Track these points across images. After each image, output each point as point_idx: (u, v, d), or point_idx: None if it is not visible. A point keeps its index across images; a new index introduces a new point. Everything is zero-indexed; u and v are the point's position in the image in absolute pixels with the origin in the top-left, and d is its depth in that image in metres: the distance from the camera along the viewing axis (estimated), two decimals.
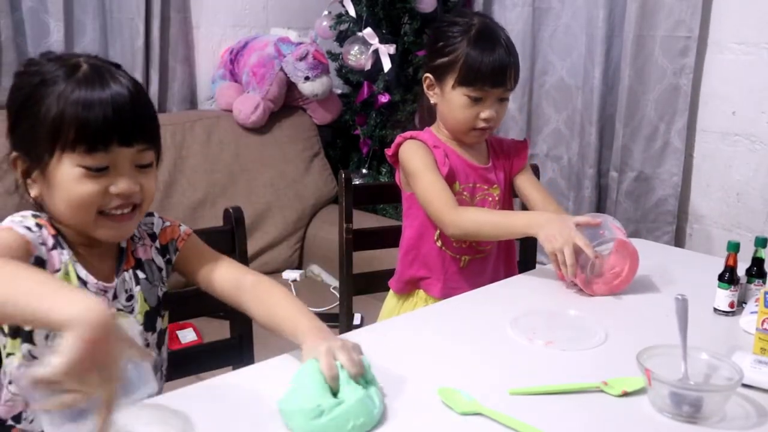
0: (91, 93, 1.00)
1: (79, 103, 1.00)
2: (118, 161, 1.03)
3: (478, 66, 1.50)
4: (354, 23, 2.88)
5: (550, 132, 2.98)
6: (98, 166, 1.02)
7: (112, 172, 1.04)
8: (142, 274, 1.17)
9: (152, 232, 1.21)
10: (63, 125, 1.00)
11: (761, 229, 2.43)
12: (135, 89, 1.05)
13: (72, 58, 1.05)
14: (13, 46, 2.33)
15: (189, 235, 1.23)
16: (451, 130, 1.61)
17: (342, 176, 1.76)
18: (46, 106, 1.01)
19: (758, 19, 2.40)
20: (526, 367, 1.13)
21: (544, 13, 2.91)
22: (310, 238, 2.84)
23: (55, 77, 1.02)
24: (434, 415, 0.97)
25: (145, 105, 1.08)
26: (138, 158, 1.06)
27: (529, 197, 1.67)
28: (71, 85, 1.01)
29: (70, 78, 1.02)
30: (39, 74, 1.03)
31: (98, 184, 1.03)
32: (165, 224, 1.23)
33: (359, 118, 2.97)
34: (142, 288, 1.16)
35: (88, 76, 1.02)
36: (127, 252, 1.16)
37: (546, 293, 1.44)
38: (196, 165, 2.61)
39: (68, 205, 1.04)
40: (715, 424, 0.97)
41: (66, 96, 1.00)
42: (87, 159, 1.01)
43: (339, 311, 1.83)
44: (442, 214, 1.50)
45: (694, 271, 1.57)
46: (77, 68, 1.03)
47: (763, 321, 1.15)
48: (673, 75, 2.55)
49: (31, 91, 1.03)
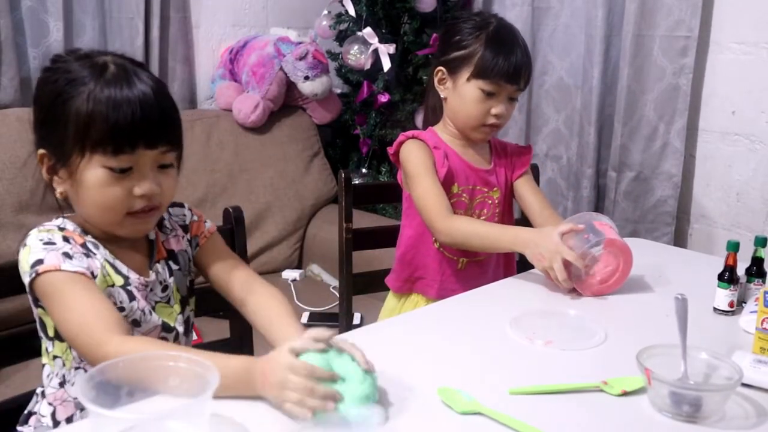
0: (119, 93, 1.02)
1: (109, 104, 1.01)
2: (142, 162, 1.05)
3: (496, 60, 1.52)
4: (354, 23, 2.88)
5: (549, 132, 2.98)
6: (122, 167, 1.04)
7: (135, 174, 1.05)
8: (175, 264, 1.20)
9: (184, 224, 1.24)
10: (92, 125, 1.01)
11: (761, 228, 2.43)
12: (160, 90, 1.07)
13: (99, 57, 1.06)
14: (13, 46, 2.33)
15: (212, 234, 1.27)
16: (460, 126, 1.61)
17: (342, 176, 1.76)
18: (75, 105, 1.02)
19: (758, 19, 2.40)
20: (525, 367, 1.13)
21: (543, 13, 2.91)
22: (309, 237, 2.84)
23: (84, 76, 1.03)
24: (434, 415, 0.97)
25: (171, 107, 1.09)
26: (160, 159, 1.08)
27: (527, 202, 1.67)
28: (100, 85, 1.02)
29: (98, 78, 1.03)
30: (67, 72, 1.04)
31: (123, 186, 1.05)
32: (193, 218, 1.26)
33: (359, 118, 2.97)
34: (175, 278, 1.19)
35: (116, 76, 1.03)
36: (157, 244, 1.18)
37: (546, 293, 1.44)
38: (195, 165, 2.61)
39: (97, 208, 1.07)
40: (714, 424, 0.97)
41: (95, 96, 1.01)
42: (112, 160, 1.03)
43: (339, 311, 1.84)
44: (435, 221, 1.51)
45: (693, 271, 1.57)
46: (105, 68, 1.04)
47: (763, 320, 1.15)
48: (673, 75, 2.55)
49: (60, 89, 1.04)
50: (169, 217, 1.22)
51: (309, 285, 2.66)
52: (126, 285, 1.10)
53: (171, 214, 1.23)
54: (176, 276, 1.19)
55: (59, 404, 1.12)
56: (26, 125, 2.23)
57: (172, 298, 1.18)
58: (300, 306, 2.43)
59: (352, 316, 1.85)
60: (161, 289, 1.17)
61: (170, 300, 1.18)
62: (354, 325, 1.90)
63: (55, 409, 1.12)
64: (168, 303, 1.17)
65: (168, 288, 1.18)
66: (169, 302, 1.17)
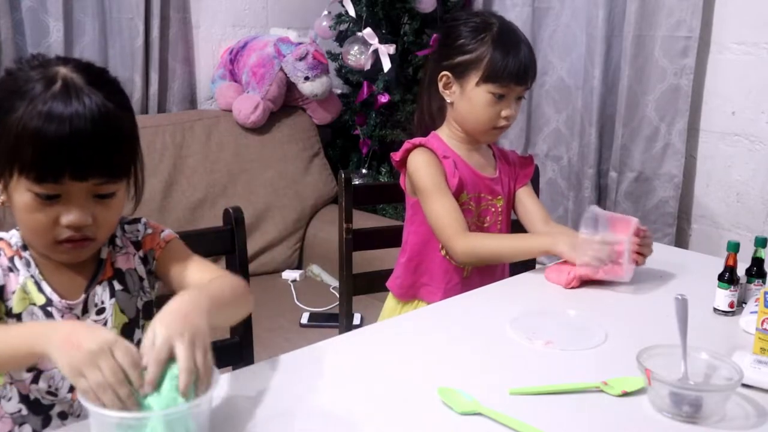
0: (52, 116, 0.92)
1: (38, 127, 0.92)
2: (71, 192, 0.96)
3: (505, 63, 1.51)
4: (354, 23, 2.88)
5: (549, 132, 2.97)
6: (48, 194, 0.95)
7: (64, 201, 0.96)
8: (119, 285, 1.10)
9: (136, 240, 1.14)
10: (20, 147, 0.93)
11: (761, 229, 2.43)
12: (107, 114, 0.95)
13: (54, 67, 0.97)
14: (13, 46, 2.33)
15: (168, 242, 1.15)
16: (470, 130, 1.60)
17: (342, 176, 1.76)
18: (9, 121, 0.93)
19: (758, 19, 2.40)
20: (526, 367, 1.13)
21: (543, 13, 2.91)
22: (309, 238, 2.84)
23: (27, 90, 0.94)
24: (434, 415, 0.97)
25: (115, 134, 0.97)
26: (95, 189, 0.98)
27: (529, 211, 1.68)
28: (37, 102, 0.93)
29: (39, 94, 0.93)
30: (14, 81, 0.96)
31: (47, 214, 0.96)
32: (147, 231, 1.15)
33: (359, 118, 2.97)
34: (117, 299, 1.09)
35: (56, 94, 0.93)
36: (106, 263, 1.10)
37: (546, 293, 1.44)
38: (195, 165, 2.61)
39: (25, 230, 1.02)
40: (714, 424, 0.97)
41: (28, 114, 0.92)
42: (36, 187, 0.94)
43: (339, 311, 1.83)
44: (451, 240, 1.51)
45: (694, 271, 1.57)
46: (52, 82, 0.94)
47: (763, 321, 1.14)
48: (674, 75, 2.55)
49: (5, 97, 0.95)
50: (122, 234, 1.13)
51: (309, 285, 2.66)
52: (47, 305, 1.04)
53: (125, 230, 1.14)
54: (119, 297, 1.09)
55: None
56: None
57: (109, 321, 1.08)
58: (300, 306, 2.43)
59: (352, 316, 1.84)
60: (96, 312, 1.07)
61: (106, 323, 1.08)
62: (354, 325, 1.90)
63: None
64: (105, 326, 1.07)
65: (104, 311, 1.08)
66: (106, 325, 1.07)
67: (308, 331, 2.25)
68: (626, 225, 1.45)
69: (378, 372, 1.00)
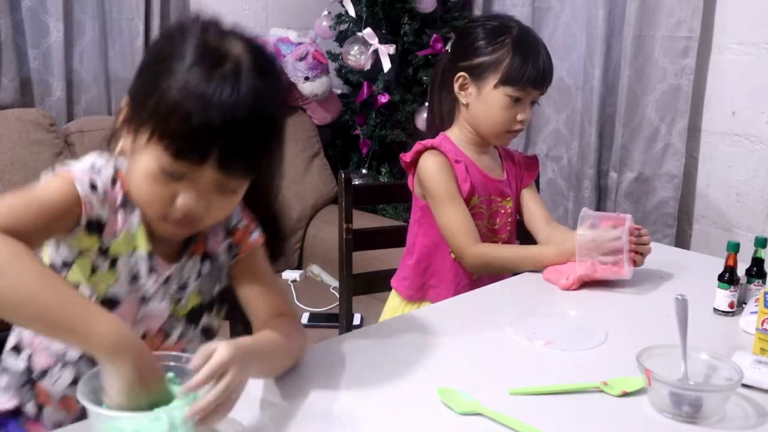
0: (209, 103, 0.86)
1: (194, 109, 0.86)
2: (199, 177, 0.91)
3: (525, 67, 1.51)
4: (354, 23, 2.88)
5: (549, 132, 2.97)
6: (175, 172, 0.90)
7: (187, 182, 0.91)
8: (208, 266, 1.07)
9: (228, 227, 1.08)
10: (170, 116, 0.87)
11: (761, 229, 2.43)
12: (264, 108, 0.91)
13: (228, 42, 0.92)
14: (13, 46, 2.33)
15: (254, 248, 1.10)
16: (484, 132, 1.59)
17: (342, 176, 1.76)
18: (170, 85, 0.87)
19: (758, 19, 2.40)
20: (526, 367, 1.13)
21: (543, 13, 2.91)
22: (310, 238, 2.84)
23: (197, 58, 0.88)
24: (434, 415, 0.97)
25: (268, 134, 0.93)
26: (225, 182, 0.92)
27: (532, 211, 1.68)
28: (202, 80, 0.87)
29: (206, 70, 0.88)
30: (185, 44, 0.90)
31: (167, 189, 0.91)
32: (242, 223, 1.09)
33: (359, 118, 2.97)
34: (201, 282, 1.06)
35: (225, 77, 0.87)
36: (198, 237, 1.05)
37: (546, 293, 1.44)
38: None
39: (136, 194, 0.96)
40: (714, 424, 0.97)
41: (191, 89, 0.87)
42: (168, 161, 0.89)
43: (339, 311, 1.83)
44: (462, 248, 1.52)
45: (694, 271, 1.57)
46: (221, 62, 0.89)
47: (763, 321, 1.14)
48: (674, 76, 2.55)
49: (168, 57, 0.90)
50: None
51: (309, 285, 2.66)
52: (150, 256, 1.00)
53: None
54: (203, 280, 1.06)
55: None
56: (26, 125, 2.26)
57: (183, 300, 1.05)
58: (300, 306, 2.43)
59: (352, 316, 1.84)
60: (178, 287, 1.04)
61: (180, 301, 1.05)
62: (354, 325, 1.90)
63: None
64: (179, 303, 1.05)
65: (185, 289, 1.05)
66: (179, 303, 1.05)
67: (308, 331, 2.21)
68: (620, 223, 1.45)
69: (378, 372, 1.00)
